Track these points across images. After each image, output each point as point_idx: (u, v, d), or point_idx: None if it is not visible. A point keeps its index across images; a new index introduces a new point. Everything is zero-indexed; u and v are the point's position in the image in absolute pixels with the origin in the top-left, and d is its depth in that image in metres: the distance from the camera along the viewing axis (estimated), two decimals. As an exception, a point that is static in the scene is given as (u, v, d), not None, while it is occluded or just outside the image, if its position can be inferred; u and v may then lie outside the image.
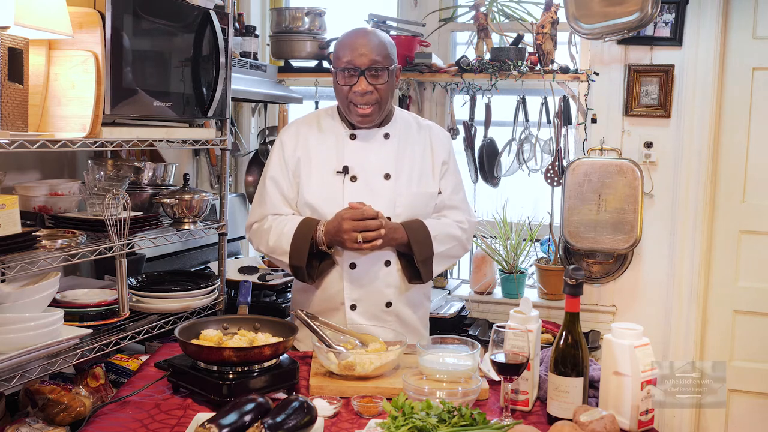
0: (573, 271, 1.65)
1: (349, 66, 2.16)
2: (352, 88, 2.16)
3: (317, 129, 2.32)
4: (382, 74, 2.17)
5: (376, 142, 2.26)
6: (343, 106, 2.25)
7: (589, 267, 3.36)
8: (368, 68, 2.15)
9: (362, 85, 2.15)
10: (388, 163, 2.25)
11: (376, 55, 2.16)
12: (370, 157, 2.25)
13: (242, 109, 3.87)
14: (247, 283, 2.36)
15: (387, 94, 2.21)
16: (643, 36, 3.20)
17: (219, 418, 1.50)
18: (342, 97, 2.21)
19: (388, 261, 2.23)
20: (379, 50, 2.17)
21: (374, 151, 2.25)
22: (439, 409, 1.57)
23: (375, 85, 2.16)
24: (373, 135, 2.26)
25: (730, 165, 3.26)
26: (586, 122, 3.31)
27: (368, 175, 2.23)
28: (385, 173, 2.24)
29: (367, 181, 2.23)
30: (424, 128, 2.36)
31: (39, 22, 1.85)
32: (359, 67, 2.15)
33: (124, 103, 2.13)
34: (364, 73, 2.14)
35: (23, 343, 1.85)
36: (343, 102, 2.22)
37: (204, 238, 3.00)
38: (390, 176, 2.24)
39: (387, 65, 2.18)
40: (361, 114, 2.19)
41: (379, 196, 2.21)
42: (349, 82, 2.17)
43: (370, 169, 2.24)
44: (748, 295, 3.28)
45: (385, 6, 3.83)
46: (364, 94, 2.16)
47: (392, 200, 2.23)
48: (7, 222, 1.86)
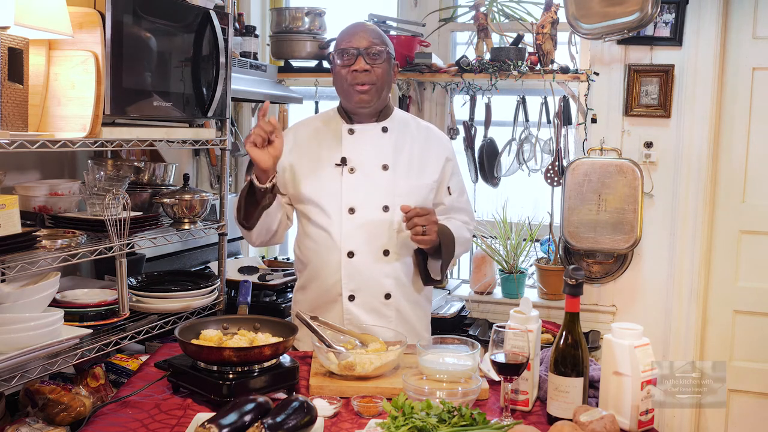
0: (573, 271, 1.65)
1: (347, 47, 2.21)
2: (351, 68, 2.20)
3: (316, 126, 2.35)
4: (380, 56, 2.22)
5: (374, 135, 2.29)
6: (342, 94, 2.27)
7: (589, 267, 3.36)
8: (366, 48, 2.20)
9: (360, 63, 2.19)
10: (386, 155, 2.27)
11: (374, 38, 2.22)
12: (368, 148, 2.27)
13: (242, 109, 3.87)
14: (247, 283, 2.36)
15: (383, 80, 2.24)
16: (643, 36, 3.20)
17: (219, 418, 1.50)
18: (341, 82, 2.24)
19: (386, 251, 2.24)
20: (377, 35, 2.24)
21: (372, 143, 2.28)
22: (439, 409, 1.57)
23: (372, 66, 2.20)
24: (372, 128, 2.29)
25: (730, 165, 3.26)
26: (586, 122, 3.31)
27: (366, 166, 2.25)
28: (383, 164, 2.26)
29: (366, 172, 2.25)
30: (423, 127, 2.40)
31: (39, 22, 1.85)
32: (357, 47, 2.20)
33: (124, 103, 2.13)
34: (362, 53, 2.20)
35: (23, 343, 1.85)
36: (342, 87, 2.24)
37: (204, 238, 3.00)
38: (388, 167, 2.26)
39: (384, 48, 2.24)
40: (360, 92, 2.21)
41: (377, 186, 2.23)
42: (347, 63, 2.21)
43: (368, 161, 2.26)
44: (748, 295, 3.28)
45: (385, 6, 3.83)
46: (362, 72, 2.19)
47: (391, 191, 2.24)
48: (7, 222, 1.86)
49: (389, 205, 2.23)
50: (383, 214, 2.22)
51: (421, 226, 2.10)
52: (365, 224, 2.21)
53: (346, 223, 2.21)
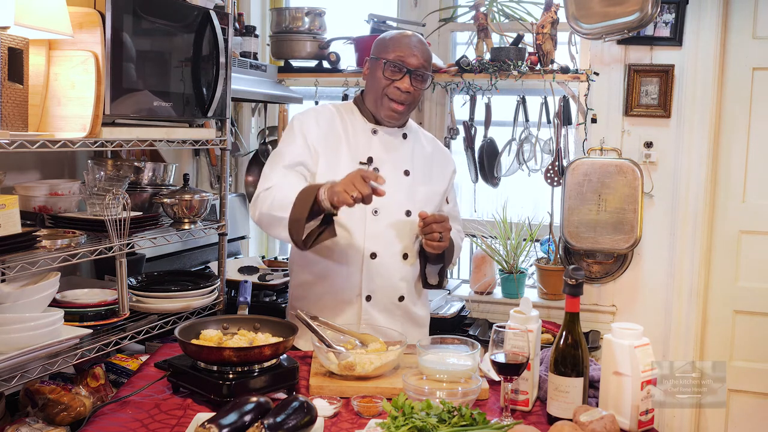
0: (573, 271, 1.65)
1: (398, 61, 2.19)
2: (395, 83, 2.20)
3: (339, 119, 2.31)
4: (425, 81, 2.25)
5: (396, 140, 2.31)
6: (375, 98, 2.26)
7: (589, 267, 3.36)
8: (416, 70, 2.20)
9: (406, 83, 2.20)
10: (406, 160, 2.30)
11: (425, 61, 2.24)
12: (391, 152, 2.29)
13: (242, 109, 3.87)
14: (247, 283, 2.36)
15: (419, 99, 2.30)
16: (643, 36, 3.20)
17: (219, 418, 1.50)
18: (377, 89, 2.23)
19: (406, 254, 2.26)
20: (428, 58, 2.27)
21: (395, 147, 2.30)
22: (439, 409, 1.57)
23: (416, 88, 2.22)
24: (393, 133, 2.31)
25: (730, 165, 3.26)
26: (586, 122, 3.31)
27: (390, 169, 2.26)
28: (404, 169, 2.29)
29: (388, 175, 2.23)
30: (429, 138, 2.46)
31: (39, 22, 1.85)
32: (409, 66, 2.20)
33: (124, 103, 2.13)
34: (411, 73, 2.20)
35: (23, 343, 1.85)
36: (377, 94, 2.24)
37: (204, 238, 3.00)
38: (409, 173, 2.29)
39: (430, 74, 2.27)
40: (394, 110, 2.23)
41: (398, 190, 2.24)
42: (393, 77, 2.20)
43: (392, 164, 2.27)
44: (748, 295, 3.28)
45: (385, 6, 3.83)
46: (404, 93, 2.20)
47: (411, 196, 2.27)
48: (7, 222, 1.86)
49: (411, 210, 2.25)
50: (405, 218, 2.25)
51: (438, 233, 2.13)
52: (388, 227, 2.23)
53: (370, 224, 2.22)
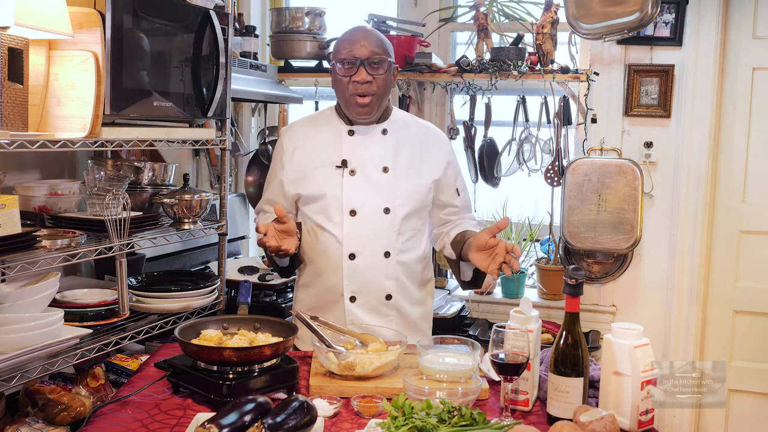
0: (573, 271, 1.65)
1: (348, 56, 2.20)
2: (352, 78, 2.19)
3: (316, 126, 2.35)
4: (381, 66, 2.21)
5: (374, 137, 2.29)
6: (342, 101, 2.27)
7: (589, 267, 3.36)
8: (368, 59, 2.19)
9: (362, 74, 2.18)
10: (385, 157, 2.28)
11: (376, 47, 2.21)
12: (368, 151, 2.27)
13: (242, 109, 3.87)
14: (247, 283, 2.35)
15: (385, 88, 2.24)
16: (643, 36, 3.20)
17: (219, 418, 1.50)
18: (341, 90, 2.24)
19: (387, 252, 2.25)
20: (378, 44, 2.23)
21: (372, 145, 2.28)
22: (439, 409, 1.57)
23: (374, 76, 2.19)
24: (371, 131, 2.29)
25: (730, 165, 3.26)
26: (586, 122, 3.31)
27: (366, 168, 2.26)
28: (383, 166, 2.27)
29: (366, 175, 2.25)
30: (422, 127, 2.41)
31: (39, 22, 1.85)
32: (359, 57, 2.19)
33: (124, 103, 2.12)
34: (363, 63, 2.19)
35: (23, 343, 1.85)
36: (343, 95, 2.25)
37: (204, 238, 3.00)
38: (388, 169, 2.27)
39: (386, 57, 2.23)
40: (360, 104, 2.21)
41: (377, 189, 2.24)
42: (348, 73, 2.20)
43: (369, 163, 2.26)
44: (748, 295, 3.28)
45: (385, 6, 3.83)
46: (363, 83, 2.19)
47: (391, 192, 2.26)
48: (7, 222, 1.86)
49: (390, 207, 2.24)
50: (384, 216, 2.24)
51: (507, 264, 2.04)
52: (366, 226, 2.23)
53: (348, 225, 2.22)
